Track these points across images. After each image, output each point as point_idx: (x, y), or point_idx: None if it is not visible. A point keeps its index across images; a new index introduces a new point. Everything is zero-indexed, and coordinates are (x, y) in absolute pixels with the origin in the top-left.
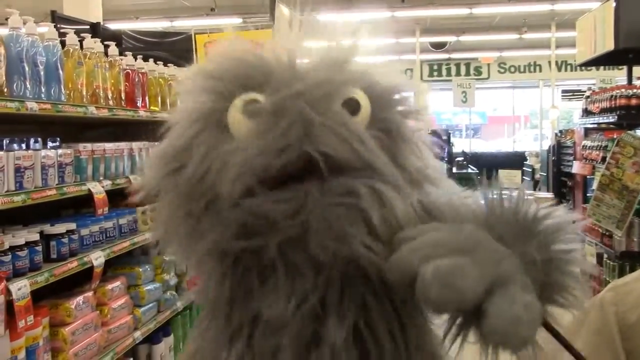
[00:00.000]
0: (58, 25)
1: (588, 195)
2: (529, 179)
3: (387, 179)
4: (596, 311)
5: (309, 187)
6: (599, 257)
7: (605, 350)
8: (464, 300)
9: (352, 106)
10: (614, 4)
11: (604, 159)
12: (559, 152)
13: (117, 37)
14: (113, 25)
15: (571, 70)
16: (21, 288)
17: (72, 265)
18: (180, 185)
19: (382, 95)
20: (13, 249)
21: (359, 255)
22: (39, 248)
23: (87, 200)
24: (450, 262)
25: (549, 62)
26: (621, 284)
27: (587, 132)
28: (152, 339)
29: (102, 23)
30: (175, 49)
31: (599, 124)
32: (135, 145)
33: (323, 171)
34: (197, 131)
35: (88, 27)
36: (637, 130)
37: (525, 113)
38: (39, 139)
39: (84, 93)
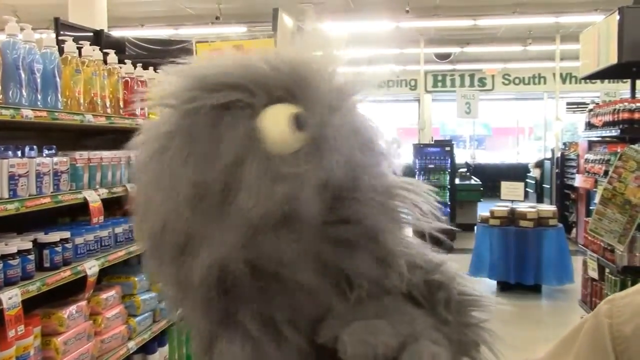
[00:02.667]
0: (62, 32)
1: (591, 208)
2: (532, 190)
3: None
4: (591, 323)
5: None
6: (601, 271)
7: None
8: (377, 355)
9: None
10: (617, 17)
11: (606, 173)
12: (563, 164)
13: (120, 45)
14: (118, 33)
15: (576, 83)
16: (12, 297)
17: (65, 275)
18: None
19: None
20: (4, 257)
21: None
22: (32, 257)
23: (84, 208)
24: (365, 323)
25: (554, 74)
26: (619, 297)
27: (591, 145)
28: (147, 348)
29: (107, 30)
30: (178, 57)
31: (602, 137)
32: (134, 154)
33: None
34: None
35: (91, 34)
36: None
37: (529, 125)
38: (35, 147)
39: (82, 101)
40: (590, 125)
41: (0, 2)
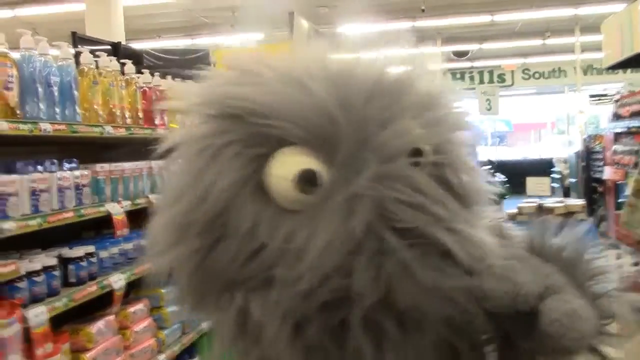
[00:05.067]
0: (79, 46)
1: (620, 201)
2: (558, 185)
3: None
4: None
5: (380, 247)
6: (635, 264)
7: None
8: (519, 294)
9: (416, 155)
10: (639, 6)
11: (636, 164)
12: (588, 157)
13: (138, 56)
14: (135, 45)
15: (597, 74)
16: (38, 315)
17: (91, 289)
18: (220, 261)
19: (437, 125)
20: (29, 274)
21: (458, 302)
22: (57, 272)
23: (109, 220)
24: (506, 262)
25: (574, 67)
26: None
27: (617, 136)
28: None
29: (124, 43)
30: (195, 66)
31: (629, 128)
32: (155, 163)
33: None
34: (232, 195)
35: (109, 47)
36: None
37: (551, 119)
38: (55, 161)
39: (100, 112)
40: (617, 116)
41: (19, 19)
